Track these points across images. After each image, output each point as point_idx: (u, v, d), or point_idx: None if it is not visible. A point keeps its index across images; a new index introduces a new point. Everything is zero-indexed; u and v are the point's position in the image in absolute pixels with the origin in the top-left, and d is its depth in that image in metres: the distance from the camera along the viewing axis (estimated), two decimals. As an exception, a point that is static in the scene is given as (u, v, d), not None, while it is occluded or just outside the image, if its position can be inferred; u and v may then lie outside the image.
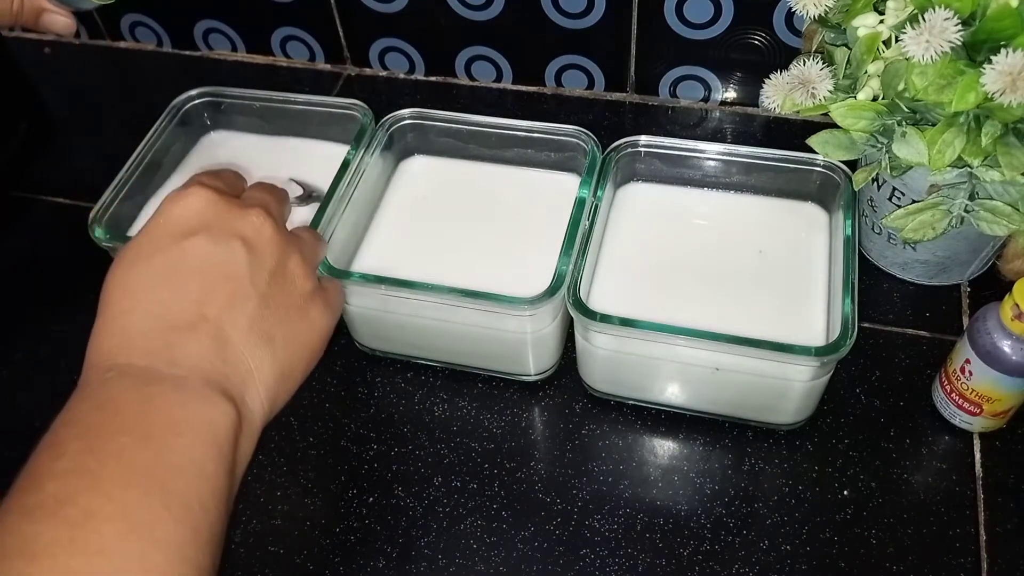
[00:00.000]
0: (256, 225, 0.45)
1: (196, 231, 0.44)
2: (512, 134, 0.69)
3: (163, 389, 0.39)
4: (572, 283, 0.57)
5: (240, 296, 0.43)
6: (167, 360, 0.40)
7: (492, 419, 0.63)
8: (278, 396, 0.44)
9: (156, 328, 0.41)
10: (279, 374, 0.44)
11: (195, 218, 0.44)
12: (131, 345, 0.41)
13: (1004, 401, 0.57)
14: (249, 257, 0.44)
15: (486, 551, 0.57)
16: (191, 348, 0.41)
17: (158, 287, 0.42)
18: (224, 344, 0.42)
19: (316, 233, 0.51)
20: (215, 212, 0.45)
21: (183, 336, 0.41)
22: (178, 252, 0.43)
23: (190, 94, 0.73)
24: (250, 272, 0.44)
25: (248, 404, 0.42)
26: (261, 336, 0.43)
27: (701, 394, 0.61)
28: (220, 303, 0.42)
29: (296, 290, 0.46)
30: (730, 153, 0.66)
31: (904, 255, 0.67)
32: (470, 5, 0.80)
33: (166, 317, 0.41)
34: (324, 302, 0.47)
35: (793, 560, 0.55)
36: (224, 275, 0.43)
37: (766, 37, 0.76)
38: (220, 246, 0.44)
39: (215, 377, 0.41)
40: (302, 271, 0.46)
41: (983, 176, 0.55)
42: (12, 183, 0.82)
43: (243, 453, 0.41)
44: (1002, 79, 0.48)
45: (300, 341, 0.45)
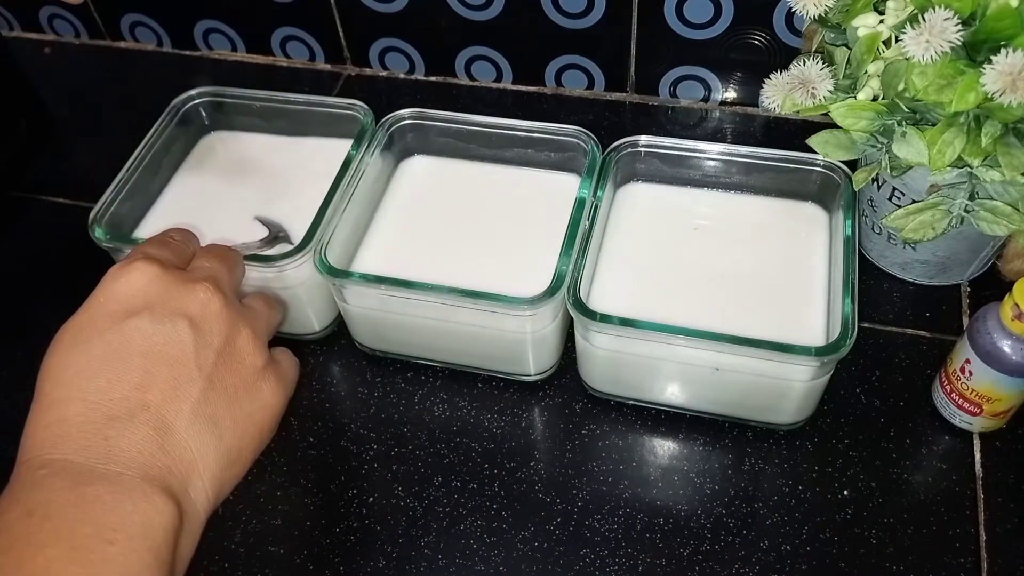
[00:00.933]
0: (203, 301, 0.43)
1: (138, 310, 0.42)
2: (512, 134, 0.69)
3: (97, 490, 0.37)
4: (572, 283, 0.57)
5: (184, 380, 0.41)
6: (104, 455, 0.38)
7: (492, 419, 0.63)
8: (224, 483, 0.42)
9: (93, 419, 0.39)
10: (226, 460, 0.42)
11: (138, 296, 0.42)
12: (66, 438, 0.38)
13: (1004, 401, 0.57)
14: (195, 337, 0.42)
15: (486, 551, 0.57)
16: (129, 440, 0.39)
17: (96, 373, 0.40)
18: (166, 433, 0.40)
19: (270, 300, 0.49)
20: (159, 289, 0.42)
21: (121, 427, 0.39)
22: (118, 334, 0.41)
23: (190, 94, 0.73)
24: (195, 353, 0.41)
25: (191, 495, 0.40)
26: (207, 421, 0.41)
27: (701, 394, 0.61)
28: (162, 389, 0.40)
29: (245, 368, 0.43)
30: (730, 153, 0.66)
31: (904, 255, 0.67)
32: (470, 5, 0.80)
33: (104, 406, 0.39)
34: (276, 377, 0.45)
35: (793, 560, 0.55)
36: (167, 358, 0.41)
37: (766, 37, 0.76)
38: (164, 326, 0.41)
39: (154, 471, 0.38)
40: (252, 347, 0.44)
41: (983, 176, 0.55)
42: (12, 183, 0.82)
43: (184, 550, 0.39)
44: (1002, 79, 0.48)
45: (250, 422, 0.43)
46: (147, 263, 0.43)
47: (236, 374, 0.43)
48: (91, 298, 0.43)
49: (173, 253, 0.46)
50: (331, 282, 0.61)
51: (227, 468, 0.42)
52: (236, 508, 0.59)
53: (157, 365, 0.41)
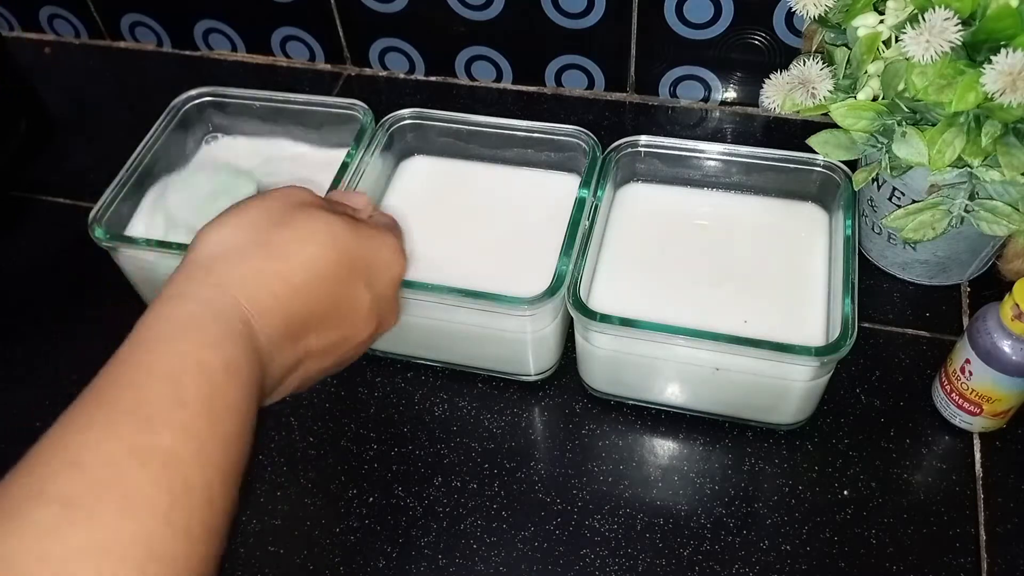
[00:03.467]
0: (391, 247, 0.50)
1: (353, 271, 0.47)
2: (512, 134, 0.69)
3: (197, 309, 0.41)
4: (572, 283, 0.57)
5: (343, 340, 0.47)
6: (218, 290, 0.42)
7: (492, 419, 0.63)
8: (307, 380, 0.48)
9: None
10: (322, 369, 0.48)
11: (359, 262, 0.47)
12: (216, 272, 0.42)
13: (1004, 401, 0.57)
14: (371, 298, 0.47)
15: (486, 551, 0.57)
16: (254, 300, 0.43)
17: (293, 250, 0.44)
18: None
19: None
20: (354, 233, 0.47)
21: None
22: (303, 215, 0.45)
23: (190, 94, 0.73)
24: (364, 324, 0.47)
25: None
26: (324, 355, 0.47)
27: (701, 394, 0.61)
28: (334, 331, 0.46)
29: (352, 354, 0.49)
30: (730, 153, 0.66)
31: (904, 255, 0.67)
32: (470, 5, 0.80)
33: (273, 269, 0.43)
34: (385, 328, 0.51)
35: (793, 560, 0.55)
36: (346, 312, 0.46)
37: (766, 37, 0.76)
38: (364, 242, 0.47)
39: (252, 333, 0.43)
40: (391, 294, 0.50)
41: (983, 176, 0.55)
42: (12, 183, 0.82)
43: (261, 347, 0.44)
44: (1002, 79, 0.48)
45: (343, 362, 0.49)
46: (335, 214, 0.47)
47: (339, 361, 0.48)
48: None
49: (352, 204, 0.52)
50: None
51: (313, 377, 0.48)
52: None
53: (338, 313, 0.46)
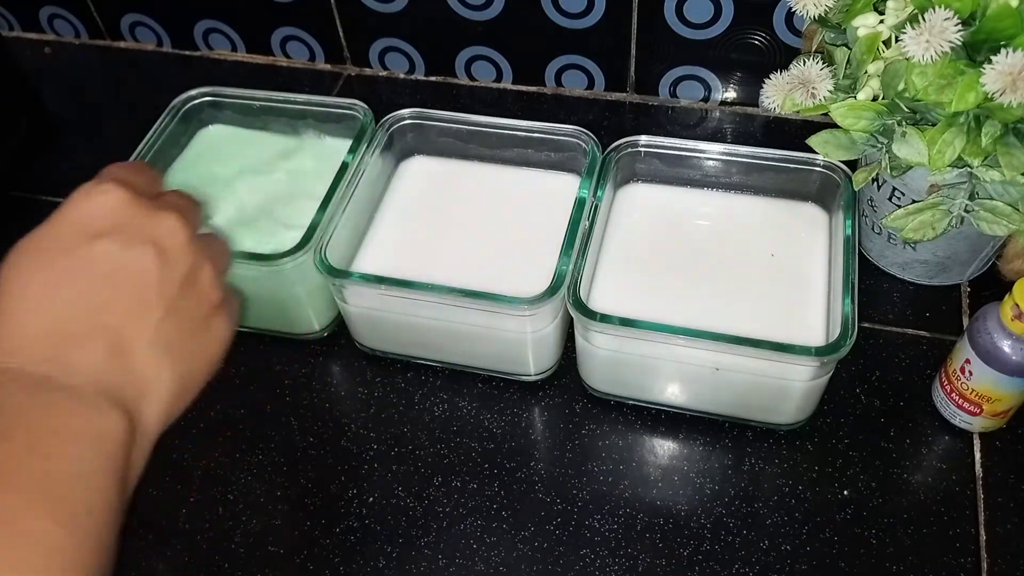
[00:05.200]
0: (170, 229, 0.43)
1: (106, 232, 0.42)
2: (512, 134, 0.69)
3: (54, 397, 0.38)
4: (572, 283, 0.57)
5: (146, 305, 0.41)
6: (62, 368, 0.39)
7: (492, 419, 0.63)
8: (174, 408, 0.43)
9: (53, 333, 0.39)
10: (178, 387, 0.42)
11: (107, 218, 0.42)
12: (25, 349, 0.39)
13: (1004, 401, 0.57)
14: (159, 264, 0.42)
15: (486, 551, 0.57)
16: (87, 357, 0.39)
17: (59, 290, 0.40)
18: (123, 354, 0.40)
19: (225, 241, 0.49)
20: (128, 213, 0.42)
21: (80, 344, 0.40)
22: (84, 254, 0.41)
23: (190, 94, 0.73)
24: (159, 281, 0.42)
25: (143, 417, 0.40)
26: (164, 348, 0.42)
27: (701, 394, 0.61)
28: (123, 311, 0.41)
29: (204, 301, 0.44)
30: (730, 153, 0.66)
31: (904, 255, 0.67)
32: (470, 5, 0.80)
33: (65, 323, 0.40)
34: (227, 313, 0.46)
35: (793, 560, 0.55)
36: (131, 283, 0.41)
37: (766, 37, 0.76)
38: (130, 251, 0.41)
39: (110, 388, 0.39)
40: (211, 281, 0.44)
41: (983, 176, 0.55)
42: (12, 183, 0.82)
43: (135, 464, 0.40)
44: (1002, 79, 0.48)
45: (202, 354, 0.44)
46: (118, 186, 0.43)
47: (195, 306, 0.43)
48: (58, 213, 0.42)
49: (144, 180, 0.46)
50: (331, 282, 0.61)
51: (179, 395, 0.42)
52: (236, 508, 0.59)
53: (120, 288, 0.41)
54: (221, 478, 0.61)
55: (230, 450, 0.62)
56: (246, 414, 0.64)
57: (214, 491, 0.60)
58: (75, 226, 0.42)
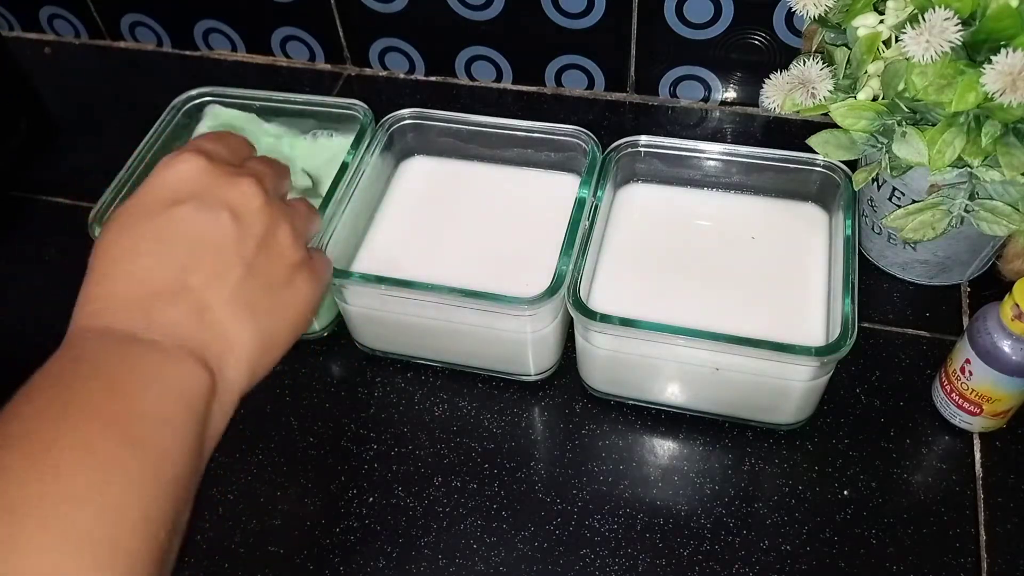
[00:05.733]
0: (246, 194, 0.45)
1: (185, 199, 0.44)
2: (512, 134, 0.69)
3: (137, 349, 0.40)
4: (572, 283, 0.57)
5: (224, 265, 0.43)
6: (146, 325, 0.41)
7: (492, 419, 0.63)
8: (259, 366, 0.44)
9: (138, 294, 0.41)
10: (261, 344, 0.44)
11: (185, 185, 0.44)
12: (112, 309, 0.41)
13: (1004, 401, 0.57)
14: (236, 226, 0.44)
15: (486, 551, 0.57)
16: (170, 315, 0.41)
17: (143, 254, 0.42)
18: (205, 313, 0.42)
19: (311, 206, 0.51)
20: (206, 180, 0.44)
21: (163, 303, 0.41)
22: (165, 219, 0.43)
23: (190, 94, 0.73)
24: (236, 241, 0.44)
25: (226, 373, 0.42)
26: (244, 306, 0.43)
27: (701, 394, 0.61)
28: (204, 272, 0.42)
29: (283, 260, 0.45)
30: (730, 153, 0.66)
31: (904, 255, 0.67)
32: (470, 5, 0.80)
33: (148, 284, 0.42)
34: (311, 273, 0.47)
35: (793, 560, 0.55)
36: (209, 244, 0.43)
37: (766, 37, 0.76)
38: (207, 214, 0.43)
39: (192, 344, 0.41)
40: (290, 241, 0.46)
41: (983, 176, 0.55)
42: (12, 183, 0.82)
43: (216, 419, 0.41)
44: (1002, 79, 0.48)
45: (284, 312, 0.45)
46: (197, 155, 0.45)
47: (274, 265, 0.45)
48: (144, 184, 0.45)
49: (226, 149, 0.48)
50: (331, 282, 0.61)
51: (262, 352, 0.44)
52: (236, 508, 0.59)
53: (200, 250, 0.43)
54: (221, 478, 0.61)
55: (230, 450, 0.62)
56: (246, 414, 0.64)
57: (214, 491, 0.60)
58: (157, 194, 0.44)
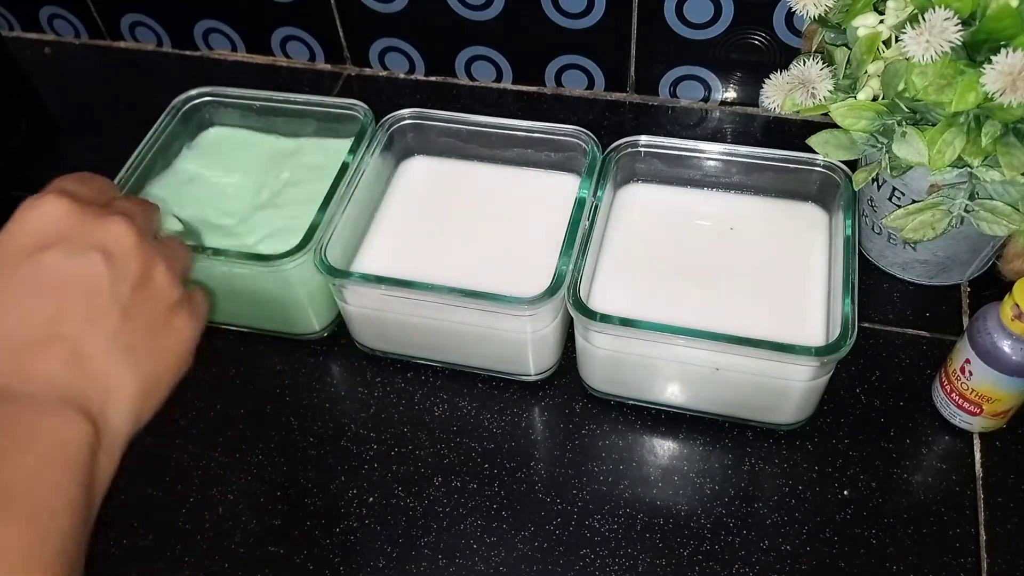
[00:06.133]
0: (117, 234, 0.43)
1: (51, 244, 0.41)
2: (512, 134, 0.69)
3: (11, 409, 0.38)
4: (572, 283, 0.57)
5: (99, 311, 0.41)
6: (20, 378, 0.39)
7: (492, 419, 0.63)
8: (143, 410, 0.42)
9: (8, 348, 0.39)
10: (143, 388, 0.42)
11: (50, 228, 0.42)
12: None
13: (1004, 401, 0.57)
14: (109, 268, 0.42)
15: (486, 551, 0.57)
16: (45, 366, 0.39)
17: (9, 308, 0.40)
18: (82, 361, 0.40)
19: (181, 241, 0.50)
20: (72, 221, 0.42)
21: (37, 355, 0.39)
22: (30, 268, 0.41)
23: (190, 94, 0.73)
24: (110, 284, 0.42)
25: (109, 420, 0.40)
26: (123, 351, 0.41)
27: (701, 394, 0.61)
28: (77, 319, 0.41)
29: (161, 301, 0.44)
30: (730, 153, 0.66)
31: (904, 255, 0.67)
32: (470, 5, 0.80)
33: (19, 336, 0.40)
34: (190, 312, 0.45)
35: (793, 560, 0.55)
36: (82, 290, 0.41)
37: (766, 37, 0.76)
38: (77, 259, 0.41)
39: (71, 394, 0.39)
40: (167, 280, 0.44)
41: (983, 176, 0.55)
42: (12, 183, 0.82)
43: (103, 468, 0.39)
44: (1002, 79, 0.48)
45: (165, 354, 0.44)
46: (60, 196, 0.43)
47: (152, 307, 0.43)
48: (3, 231, 0.42)
49: (90, 190, 0.46)
50: (331, 282, 0.61)
51: (145, 396, 0.42)
52: (236, 508, 0.59)
53: (71, 297, 0.41)
54: (221, 478, 0.61)
55: (230, 450, 0.62)
56: (246, 414, 0.64)
57: (214, 491, 0.60)
58: (21, 240, 0.42)
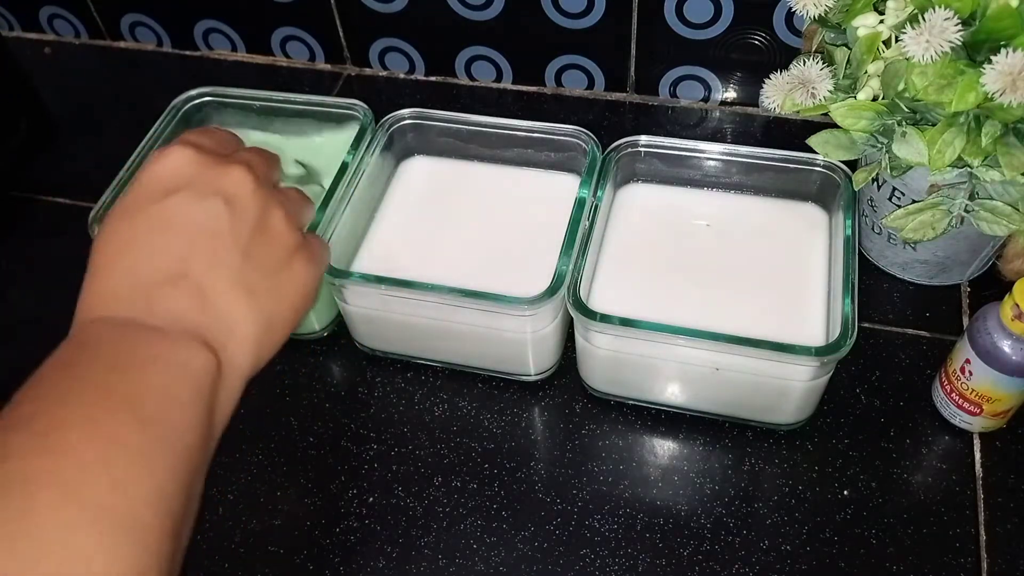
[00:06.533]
0: (237, 181, 0.45)
1: (177, 189, 0.44)
2: (512, 134, 0.69)
3: (140, 335, 0.40)
4: (572, 283, 0.57)
5: (221, 251, 0.43)
6: (148, 313, 0.41)
7: (492, 419, 0.63)
8: (263, 348, 0.44)
9: (138, 284, 0.42)
10: (263, 327, 0.44)
11: (176, 176, 0.45)
12: (113, 300, 0.42)
13: (1004, 401, 0.57)
14: (230, 213, 0.44)
15: (486, 551, 0.57)
16: (172, 302, 0.42)
17: (139, 246, 0.43)
18: (205, 298, 0.42)
19: (303, 192, 0.52)
20: (196, 170, 0.45)
21: (164, 291, 0.42)
22: (159, 210, 0.44)
23: (190, 94, 0.73)
24: (231, 228, 0.44)
25: (230, 356, 0.42)
26: (244, 290, 0.43)
27: (701, 394, 0.61)
28: (201, 259, 0.43)
29: (279, 244, 0.46)
30: (730, 153, 0.66)
31: (904, 255, 0.67)
32: (470, 5, 0.80)
33: (147, 274, 0.42)
34: (308, 256, 0.48)
35: (793, 560, 0.55)
36: (205, 232, 0.44)
37: (766, 37, 0.76)
38: (201, 203, 0.44)
39: (195, 329, 0.41)
40: (285, 226, 0.46)
41: (983, 176, 0.55)
42: (12, 183, 0.82)
43: (223, 402, 0.42)
44: (1002, 79, 0.48)
45: (284, 295, 0.46)
46: (185, 147, 0.46)
47: (271, 249, 0.45)
48: (135, 178, 0.46)
49: (213, 141, 0.49)
50: (331, 282, 0.61)
51: (265, 335, 0.44)
52: (236, 508, 0.59)
53: (196, 239, 0.43)
54: (221, 478, 0.61)
55: (230, 450, 0.62)
56: (246, 414, 0.64)
57: (214, 491, 0.60)
58: (150, 187, 0.45)
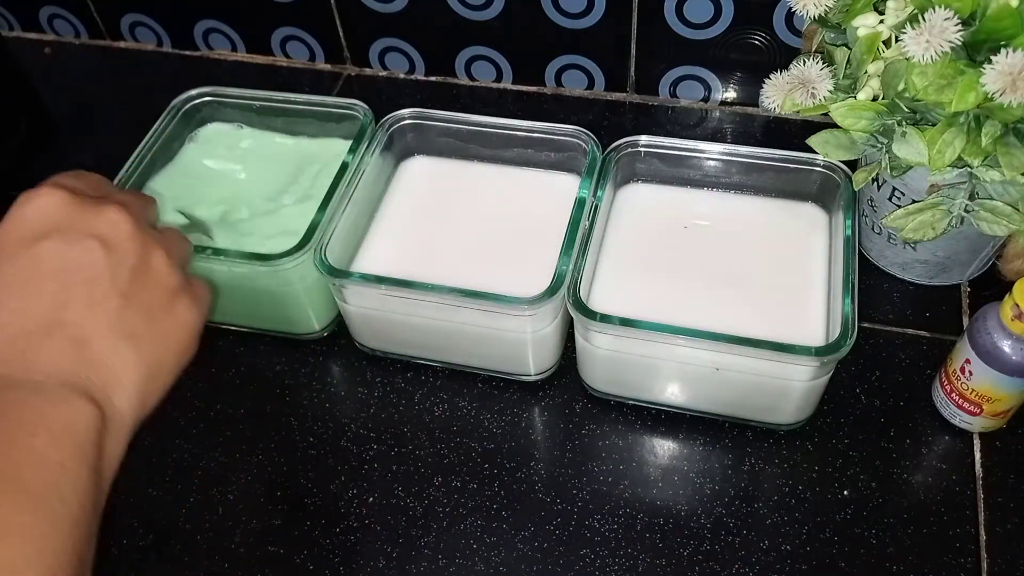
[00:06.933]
0: (113, 222, 0.43)
1: (48, 233, 0.42)
2: (512, 134, 0.69)
3: (18, 395, 0.38)
4: (572, 283, 0.57)
5: (99, 296, 0.42)
6: (22, 366, 0.39)
7: (492, 419, 0.63)
8: (148, 395, 0.42)
9: (9, 336, 0.40)
10: (147, 373, 0.42)
11: (46, 219, 0.43)
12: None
13: (1004, 401, 0.57)
14: (107, 255, 0.42)
15: (486, 551, 0.57)
16: (48, 353, 0.40)
17: (10, 296, 0.41)
18: (84, 347, 0.40)
19: (179, 232, 0.50)
20: (68, 212, 0.43)
21: (39, 342, 0.40)
22: (29, 258, 0.41)
23: (190, 94, 0.73)
24: (109, 270, 0.42)
25: (115, 404, 0.40)
26: (125, 336, 0.42)
27: (701, 394, 0.61)
28: (78, 306, 0.41)
29: (161, 286, 0.44)
30: (730, 153, 0.66)
31: (904, 255, 0.67)
32: (470, 5, 0.80)
33: (20, 325, 0.40)
34: (192, 297, 0.46)
35: (793, 560, 0.55)
36: (80, 277, 0.42)
37: (766, 37, 0.76)
38: (75, 247, 0.42)
39: (75, 380, 0.39)
40: (167, 266, 0.45)
41: (983, 176, 0.55)
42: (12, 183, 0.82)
43: (110, 453, 0.40)
44: (1002, 79, 0.48)
45: (168, 338, 0.44)
46: (54, 188, 0.44)
47: (151, 292, 0.43)
48: (1, 224, 0.43)
49: (84, 183, 0.47)
50: (331, 282, 0.61)
51: (149, 380, 0.42)
52: (236, 508, 0.59)
53: (71, 285, 0.41)
54: (221, 478, 0.61)
55: (230, 450, 0.62)
56: (246, 414, 0.64)
57: (214, 491, 0.60)
58: (17, 231, 0.42)
